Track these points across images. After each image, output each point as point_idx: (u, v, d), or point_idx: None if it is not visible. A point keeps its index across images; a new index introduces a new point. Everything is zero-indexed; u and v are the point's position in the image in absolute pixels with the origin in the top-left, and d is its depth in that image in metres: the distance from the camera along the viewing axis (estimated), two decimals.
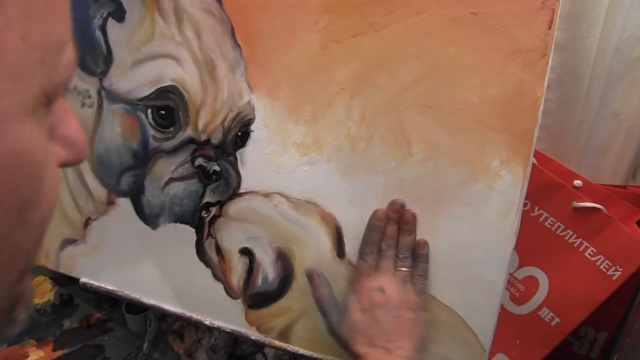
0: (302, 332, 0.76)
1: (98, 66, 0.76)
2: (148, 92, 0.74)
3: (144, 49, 0.73)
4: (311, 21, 0.66)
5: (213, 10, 0.69)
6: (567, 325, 0.82)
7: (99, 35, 0.75)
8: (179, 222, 0.78)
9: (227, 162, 0.73)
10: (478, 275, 0.67)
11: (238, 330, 0.79)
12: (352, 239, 0.71)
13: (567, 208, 0.80)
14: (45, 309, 1.14)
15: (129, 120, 0.76)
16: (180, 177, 0.76)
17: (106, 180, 0.80)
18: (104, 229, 0.83)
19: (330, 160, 0.69)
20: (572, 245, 0.81)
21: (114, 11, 0.73)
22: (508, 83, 0.61)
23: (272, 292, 0.76)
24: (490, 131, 0.63)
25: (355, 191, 0.69)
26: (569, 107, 0.83)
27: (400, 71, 0.64)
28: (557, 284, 0.83)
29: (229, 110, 0.71)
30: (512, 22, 0.59)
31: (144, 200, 0.78)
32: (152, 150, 0.76)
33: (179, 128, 0.74)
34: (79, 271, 0.87)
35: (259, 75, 0.69)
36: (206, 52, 0.70)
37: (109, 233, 0.83)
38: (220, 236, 0.76)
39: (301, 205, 0.71)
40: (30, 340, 1.06)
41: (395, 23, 0.63)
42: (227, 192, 0.74)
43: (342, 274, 0.72)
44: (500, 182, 0.64)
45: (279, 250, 0.74)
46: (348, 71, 0.66)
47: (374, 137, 0.67)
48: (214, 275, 0.78)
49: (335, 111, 0.67)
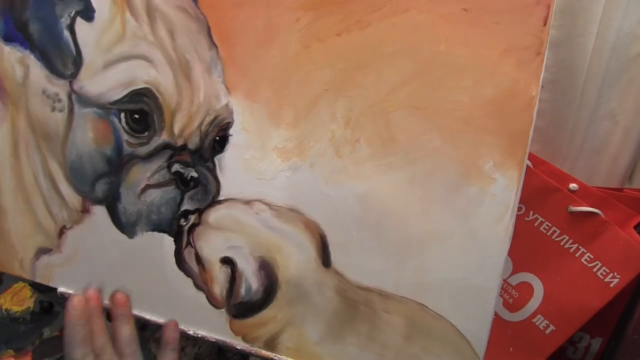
0: (288, 341, 0.74)
1: (67, 68, 0.73)
2: (120, 95, 0.71)
3: (115, 50, 0.70)
4: (292, 19, 0.63)
5: (187, 8, 0.66)
6: (562, 333, 0.81)
7: (67, 36, 0.72)
8: (156, 231, 0.75)
9: (205, 168, 0.70)
10: (471, 281, 0.65)
11: (223, 340, 0.77)
12: (338, 247, 0.68)
13: (563, 212, 0.79)
14: (25, 317, 1.12)
15: (102, 125, 0.74)
16: (156, 183, 0.73)
17: (80, 188, 0.78)
18: (79, 238, 0.81)
19: (314, 166, 0.66)
20: (567, 250, 0.80)
21: (82, 10, 0.71)
22: (501, 82, 0.59)
23: (257, 301, 0.74)
24: (483, 133, 0.60)
25: (340, 198, 0.66)
26: (564, 107, 0.82)
27: (388, 71, 0.62)
28: (552, 290, 0.81)
29: (205, 113, 0.69)
30: (506, 18, 0.57)
31: (120, 208, 0.76)
32: (127, 156, 0.73)
33: (154, 133, 0.71)
34: (56, 281, 0.85)
35: (237, 76, 0.67)
36: (180, 52, 0.68)
37: (85, 242, 0.81)
38: (199, 245, 0.74)
39: (283, 213, 0.69)
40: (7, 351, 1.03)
41: (382, 20, 0.61)
42: (205, 199, 0.71)
43: (327, 284, 0.70)
44: (493, 186, 0.61)
45: (262, 259, 0.71)
46: (332, 71, 0.64)
47: (360, 140, 0.64)
48: (195, 285, 0.76)
49: (319, 114, 0.65)
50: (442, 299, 0.66)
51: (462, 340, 0.66)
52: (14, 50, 0.76)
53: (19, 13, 0.74)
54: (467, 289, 0.65)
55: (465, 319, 0.66)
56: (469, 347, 0.66)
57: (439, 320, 0.67)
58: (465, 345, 0.67)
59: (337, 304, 0.70)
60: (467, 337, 0.66)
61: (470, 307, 0.66)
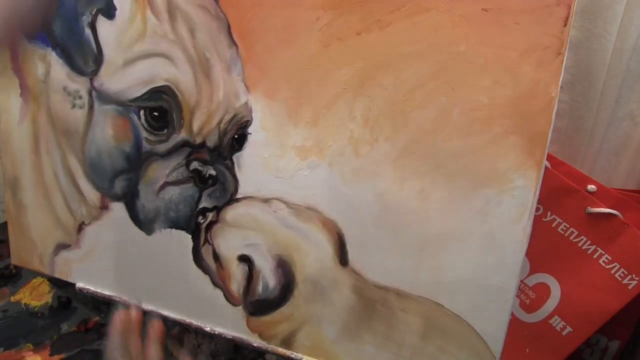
0: (304, 339, 0.74)
1: (88, 65, 0.74)
2: (140, 92, 0.72)
3: (135, 48, 0.71)
4: (312, 18, 0.63)
5: (208, 7, 0.66)
6: (579, 335, 0.80)
7: (88, 33, 0.73)
8: (174, 228, 0.76)
9: (223, 166, 0.71)
10: (488, 282, 0.64)
11: (240, 337, 0.77)
12: (355, 246, 0.68)
13: (581, 213, 0.78)
14: (43, 312, 1.13)
15: (121, 122, 0.74)
16: (175, 181, 0.73)
17: (99, 184, 0.79)
18: (97, 234, 0.82)
19: (332, 164, 0.66)
20: (585, 252, 0.79)
21: (104, 7, 0.71)
22: (521, 83, 0.58)
23: (273, 299, 0.74)
24: (501, 133, 0.60)
25: (358, 196, 0.66)
26: (583, 108, 0.81)
27: (407, 70, 0.61)
28: (570, 292, 0.80)
29: (225, 111, 0.69)
30: (526, 18, 0.56)
31: (139, 204, 0.76)
32: (146, 153, 0.74)
33: (173, 130, 0.72)
34: (74, 276, 0.86)
35: (257, 74, 0.67)
36: (201, 50, 0.68)
37: (103, 238, 0.82)
38: (217, 242, 0.74)
39: (301, 212, 0.69)
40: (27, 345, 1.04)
41: (402, 20, 0.60)
42: (224, 197, 0.72)
43: (344, 283, 0.70)
44: (512, 186, 0.61)
45: (279, 257, 0.72)
46: (351, 70, 0.63)
47: (379, 140, 0.64)
48: (212, 282, 0.76)
49: (337, 113, 0.65)
50: (459, 299, 0.66)
51: (478, 341, 0.66)
52: (37, 47, 0.77)
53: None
54: (484, 289, 0.65)
55: (482, 319, 0.66)
56: (486, 347, 0.66)
57: (455, 320, 0.66)
58: (482, 345, 0.66)
59: (354, 303, 0.70)
60: (483, 337, 0.66)
61: (487, 307, 0.65)
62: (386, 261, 0.67)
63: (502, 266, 0.63)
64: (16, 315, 1.08)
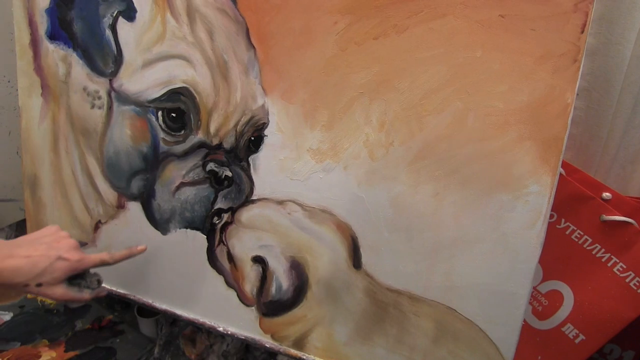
0: (316, 341, 0.75)
1: (108, 66, 0.75)
2: (158, 93, 0.73)
3: (154, 49, 0.72)
4: (330, 22, 0.63)
5: (227, 10, 0.67)
6: (592, 343, 0.79)
7: (108, 35, 0.74)
8: (189, 228, 0.77)
9: (239, 167, 0.71)
10: (501, 287, 0.64)
11: (252, 338, 0.78)
12: (369, 249, 0.68)
13: (596, 221, 0.77)
14: (58, 309, 1.14)
15: (139, 123, 0.75)
16: (191, 182, 0.74)
17: (116, 184, 0.79)
18: (114, 233, 0.82)
19: (347, 168, 0.67)
20: (599, 259, 0.78)
21: (124, 10, 0.72)
22: (537, 89, 0.58)
23: (287, 300, 0.74)
24: (516, 139, 0.60)
25: (372, 200, 0.66)
26: (599, 115, 0.80)
27: (423, 75, 0.61)
28: (583, 299, 0.79)
29: (242, 113, 0.69)
30: (542, 25, 0.56)
31: (155, 204, 0.77)
32: (163, 153, 0.75)
33: (190, 131, 0.72)
34: None
35: (274, 77, 0.67)
36: (219, 53, 0.68)
37: (119, 237, 0.82)
38: (232, 243, 0.74)
39: (316, 214, 0.69)
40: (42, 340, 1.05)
41: (419, 25, 0.60)
42: (239, 198, 0.72)
43: (357, 285, 0.70)
44: (526, 192, 0.61)
45: (293, 259, 0.72)
46: (368, 74, 0.63)
47: (394, 143, 0.64)
48: (226, 283, 0.77)
49: (353, 116, 0.65)
50: (472, 304, 0.66)
51: (490, 346, 0.66)
52: (58, 48, 0.78)
53: (64, 13, 0.76)
54: (497, 294, 0.65)
55: (494, 324, 0.66)
56: (497, 352, 0.66)
57: (467, 324, 0.67)
58: (494, 350, 0.66)
59: (366, 306, 0.70)
60: (495, 342, 0.66)
61: (499, 312, 0.65)
62: (399, 265, 0.67)
63: (515, 272, 0.63)
64: (32, 311, 1.09)
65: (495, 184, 0.61)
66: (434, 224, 0.65)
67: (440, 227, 0.65)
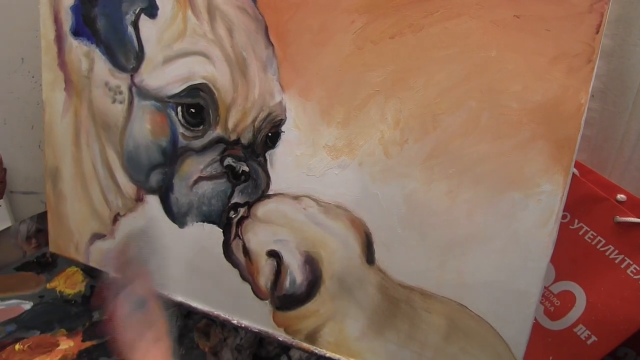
0: (329, 335, 0.75)
1: (129, 62, 0.76)
2: (178, 89, 0.74)
3: (175, 46, 0.73)
4: (347, 21, 0.64)
5: (247, 8, 0.68)
6: (605, 345, 0.78)
7: (131, 31, 0.75)
8: (206, 222, 0.78)
9: (256, 162, 0.72)
10: (512, 285, 0.65)
11: (266, 331, 0.79)
12: (382, 246, 0.69)
13: (609, 222, 0.77)
14: (76, 300, 1.15)
15: (159, 118, 0.76)
16: (209, 176, 0.75)
17: (135, 177, 0.81)
18: (132, 225, 0.83)
19: (362, 164, 0.67)
20: (612, 261, 0.78)
21: (147, 7, 0.73)
22: (551, 89, 0.58)
23: (300, 295, 0.75)
24: (530, 138, 0.60)
25: (386, 197, 0.67)
26: (614, 117, 0.80)
27: (438, 74, 0.62)
28: (596, 301, 0.79)
29: (259, 110, 0.70)
30: (557, 25, 0.57)
31: (172, 198, 0.78)
32: (181, 148, 0.76)
33: (209, 127, 0.73)
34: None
35: (292, 74, 0.68)
36: (238, 50, 0.69)
37: (137, 229, 0.83)
38: (247, 237, 0.75)
39: (330, 210, 0.70)
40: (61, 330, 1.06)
41: (434, 24, 0.61)
42: (255, 193, 0.73)
43: (370, 281, 0.71)
44: (538, 191, 0.61)
45: (307, 254, 0.73)
46: (384, 73, 0.64)
47: (409, 141, 0.65)
48: (241, 276, 0.78)
49: (369, 114, 0.66)
50: (483, 301, 0.66)
51: (501, 343, 0.66)
52: (81, 44, 0.80)
53: (88, 10, 0.78)
54: (508, 292, 0.65)
55: (505, 322, 0.66)
56: (508, 350, 0.66)
57: (478, 321, 0.67)
58: (504, 348, 0.66)
59: (378, 301, 0.71)
60: (506, 340, 0.66)
61: (510, 310, 0.65)
62: (412, 261, 0.68)
63: (526, 270, 0.64)
64: (51, 301, 1.10)
65: (508, 182, 0.62)
66: (446, 222, 0.65)
67: (453, 225, 0.65)
